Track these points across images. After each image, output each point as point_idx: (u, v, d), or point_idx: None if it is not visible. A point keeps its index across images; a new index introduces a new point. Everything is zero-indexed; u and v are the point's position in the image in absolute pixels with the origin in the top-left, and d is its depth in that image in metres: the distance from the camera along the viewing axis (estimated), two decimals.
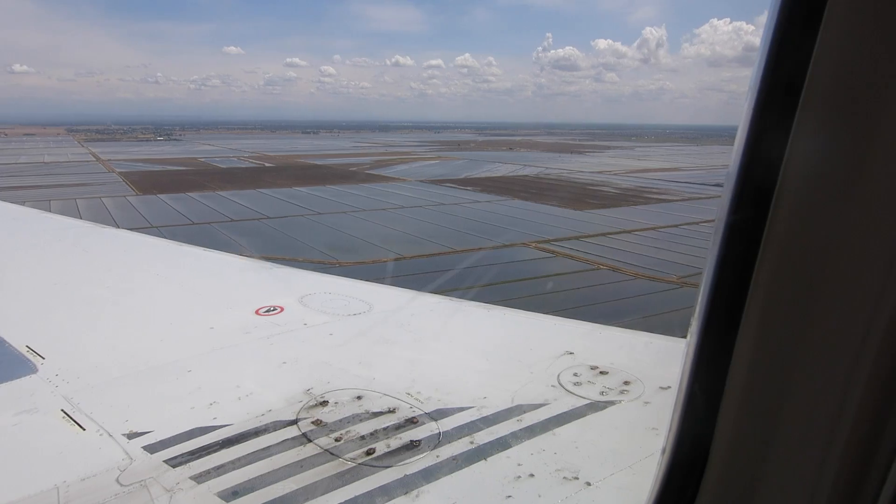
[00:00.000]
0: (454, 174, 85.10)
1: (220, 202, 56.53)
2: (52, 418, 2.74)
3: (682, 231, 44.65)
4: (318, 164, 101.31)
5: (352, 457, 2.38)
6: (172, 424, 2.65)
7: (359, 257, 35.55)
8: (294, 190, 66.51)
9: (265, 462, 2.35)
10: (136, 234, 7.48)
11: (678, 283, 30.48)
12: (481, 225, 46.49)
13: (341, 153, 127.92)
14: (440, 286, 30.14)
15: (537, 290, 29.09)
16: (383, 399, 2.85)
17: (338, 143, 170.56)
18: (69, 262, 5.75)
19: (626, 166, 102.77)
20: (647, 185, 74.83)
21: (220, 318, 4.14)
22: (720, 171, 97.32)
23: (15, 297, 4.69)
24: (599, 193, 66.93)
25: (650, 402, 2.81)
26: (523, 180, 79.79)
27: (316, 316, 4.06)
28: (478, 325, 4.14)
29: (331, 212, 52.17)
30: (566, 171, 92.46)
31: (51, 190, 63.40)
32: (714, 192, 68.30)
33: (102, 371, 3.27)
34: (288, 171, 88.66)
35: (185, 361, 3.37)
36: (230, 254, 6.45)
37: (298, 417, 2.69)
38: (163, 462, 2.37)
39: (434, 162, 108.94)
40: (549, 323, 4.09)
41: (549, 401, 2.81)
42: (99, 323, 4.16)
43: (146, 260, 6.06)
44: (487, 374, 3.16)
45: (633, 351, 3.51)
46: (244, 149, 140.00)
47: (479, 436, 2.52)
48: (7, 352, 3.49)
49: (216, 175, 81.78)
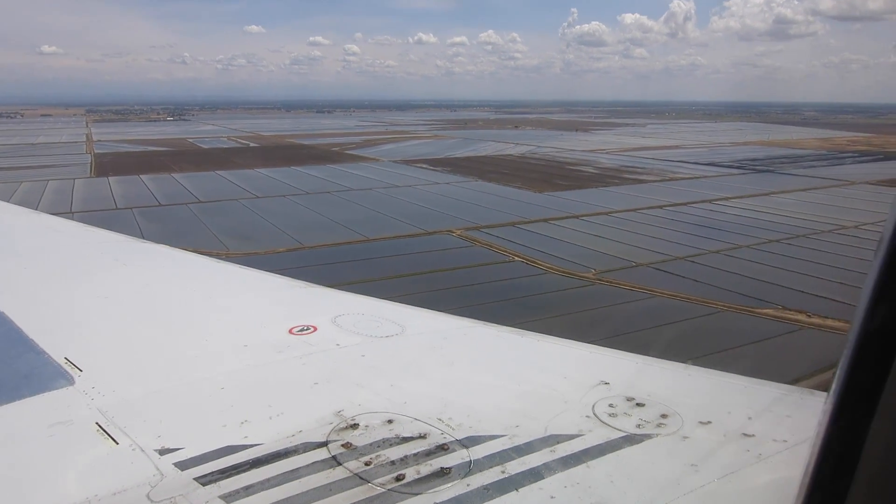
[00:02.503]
0: (436, 153, 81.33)
1: (164, 185, 54.08)
2: (86, 431, 2.76)
3: (636, 216, 40.33)
4: (303, 144, 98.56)
5: (381, 482, 2.32)
6: (204, 442, 2.62)
7: (256, 247, 32.51)
8: (255, 171, 63.75)
9: (294, 484, 2.31)
10: (175, 251, 7.48)
11: (590, 281, 26.54)
12: (420, 209, 42.88)
13: (337, 132, 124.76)
14: (323, 278, 26.72)
15: (425, 286, 25.52)
16: (414, 424, 2.76)
17: (343, 123, 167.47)
18: (109, 277, 5.76)
19: (624, 144, 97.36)
20: (632, 164, 69.85)
21: (254, 337, 4.05)
22: (722, 148, 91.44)
23: (55, 309, 4.72)
24: (575, 174, 62.44)
25: (689, 437, 2.60)
26: (505, 160, 75.54)
27: (349, 337, 3.96)
28: (511, 351, 3.99)
29: (272, 195, 49.18)
30: (556, 149, 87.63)
31: (13, 172, 62.27)
32: (700, 172, 63.27)
33: (137, 385, 3.28)
34: (266, 152, 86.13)
35: (218, 378, 3.35)
36: (267, 272, 6.31)
37: (329, 440, 2.63)
38: (193, 480, 2.35)
39: (426, 141, 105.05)
40: (585, 351, 3.87)
41: (584, 432, 2.68)
42: (135, 337, 4.14)
43: (183, 275, 6.11)
44: (520, 402, 3.00)
45: (671, 383, 3.26)
46: (243, 129, 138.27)
47: (510, 465, 2.42)
48: (46, 363, 3.52)
49: (189, 156, 79.71)
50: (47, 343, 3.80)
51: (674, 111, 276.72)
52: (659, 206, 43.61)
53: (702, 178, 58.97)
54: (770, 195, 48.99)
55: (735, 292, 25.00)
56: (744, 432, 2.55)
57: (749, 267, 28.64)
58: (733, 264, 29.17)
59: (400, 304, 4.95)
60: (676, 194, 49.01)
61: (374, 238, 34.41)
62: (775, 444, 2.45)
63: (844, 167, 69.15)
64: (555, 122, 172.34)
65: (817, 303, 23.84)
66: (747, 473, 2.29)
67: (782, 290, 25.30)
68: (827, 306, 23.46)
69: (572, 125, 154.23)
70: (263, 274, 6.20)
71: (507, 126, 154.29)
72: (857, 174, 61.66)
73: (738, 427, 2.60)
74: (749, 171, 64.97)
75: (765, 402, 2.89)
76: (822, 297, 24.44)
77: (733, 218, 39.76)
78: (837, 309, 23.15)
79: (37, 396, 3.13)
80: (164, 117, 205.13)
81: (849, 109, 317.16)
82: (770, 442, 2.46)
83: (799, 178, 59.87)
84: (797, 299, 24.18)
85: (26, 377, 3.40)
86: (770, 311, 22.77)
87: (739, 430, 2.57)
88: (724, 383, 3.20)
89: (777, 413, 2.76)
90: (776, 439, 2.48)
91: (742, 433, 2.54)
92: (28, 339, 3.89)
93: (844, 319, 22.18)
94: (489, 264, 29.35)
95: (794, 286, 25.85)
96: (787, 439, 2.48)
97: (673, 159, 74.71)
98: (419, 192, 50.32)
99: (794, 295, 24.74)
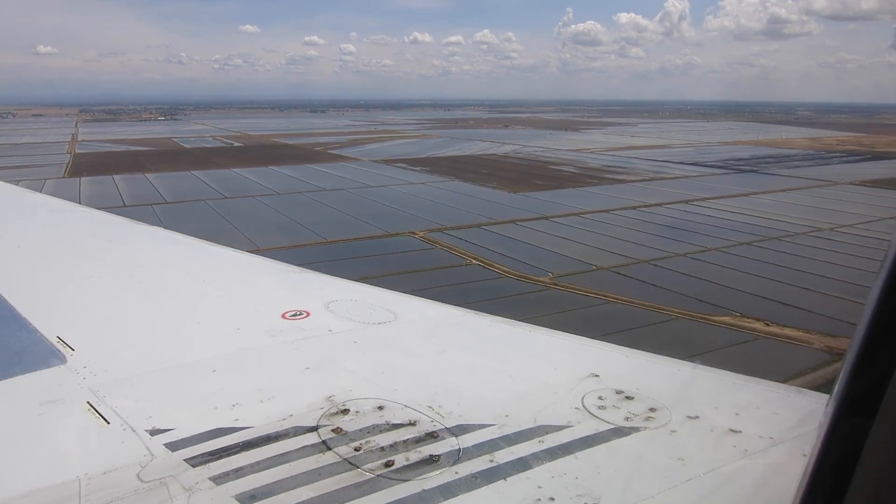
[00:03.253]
0: (418, 153, 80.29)
1: (133, 185, 53.03)
2: (77, 410, 2.75)
3: (607, 217, 39.32)
4: (288, 144, 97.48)
5: (370, 468, 2.32)
6: (194, 423, 2.61)
7: None
8: (230, 171, 62.67)
9: (284, 467, 2.31)
10: (170, 233, 7.32)
11: (545, 285, 25.52)
12: (388, 210, 41.83)
13: (326, 132, 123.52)
14: None
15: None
16: (404, 411, 2.75)
17: (334, 122, 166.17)
18: (104, 257, 5.73)
19: (611, 143, 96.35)
20: (615, 163, 68.85)
21: (247, 320, 4.06)
22: (709, 147, 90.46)
23: (49, 289, 4.70)
24: (555, 173, 61.42)
25: (677, 431, 2.62)
26: (487, 159, 74.50)
27: (341, 323, 3.95)
28: (503, 341, 3.97)
29: (240, 196, 48.12)
30: (541, 149, 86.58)
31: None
32: (683, 172, 62.29)
33: (129, 365, 3.28)
34: (248, 152, 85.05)
35: (211, 361, 3.36)
36: (262, 257, 6.26)
37: (319, 424, 2.63)
38: (183, 461, 2.34)
39: (412, 140, 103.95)
40: (575, 343, 3.86)
41: (573, 423, 2.67)
42: (129, 318, 4.13)
43: (179, 258, 5.99)
44: (510, 392, 3.02)
45: (661, 377, 3.25)
46: (232, 128, 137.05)
47: (499, 454, 2.42)
48: (39, 341, 3.51)
49: (169, 156, 78.57)
50: (40, 322, 3.79)
51: (668, 111, 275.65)
52: (632, 207, 42.59)
53: (683, 178, 57.96)
54: (749, 195, 48.00)
55: (694, 298, 23.99)
56: (731, 428, 2.54)
57: (713, 271, 27.63)
58: (697, 268, 28.16)
59: (393, 292, 4.93)
60: (653, 195, 48.00)
61: (332, 240, 33.37)
62: (761, 440, 2.44)
63: (830, 167, 68.17)
64: (546, 122, 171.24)
65: (779, 310, 22.84)
66: (733, 468, 2.28)
67: (744, 296, 24.29)
68: (789, 314, 22.47)
69: (563, 124, 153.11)
70: (258, 258, 6.21)
71: (498, 125, 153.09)
72: (842, 174, 60.68)
73: (725, 423, 2.59)
74: (732, 171, 63.98)
75: (752, 398, 2.87)
76: (785, 304, 23.46)
77: (706, 219, 38.76)
78: (800, 317, 22.16)
79: (28, 374, 3.14)
80: (155, 117, 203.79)
81: (844, 109, 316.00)
82: (756, 438, 2.45)
83: (782, 178, 58.89)
84: (759, 306, 23.17)
85: (18, 355, 3.38)
86: (727, 319, 21.76)
87: (727, 426, 2.56)
88: (713, 379, 3.19)
89: (764, 410, 2.75)
90: (762, 436, 2.47)
91: (729, 429, 2.53)
92: (21, 318, 3.88)
93: (804, 328, 21.21)
94: (444, 267, 28.32)
95: (757, 292, 24.84)
96: (774, 436, 2.46)
97: (658, 159, 73.69)
98: (391, 193, 49.26)
99: (755, 301, 23.72)
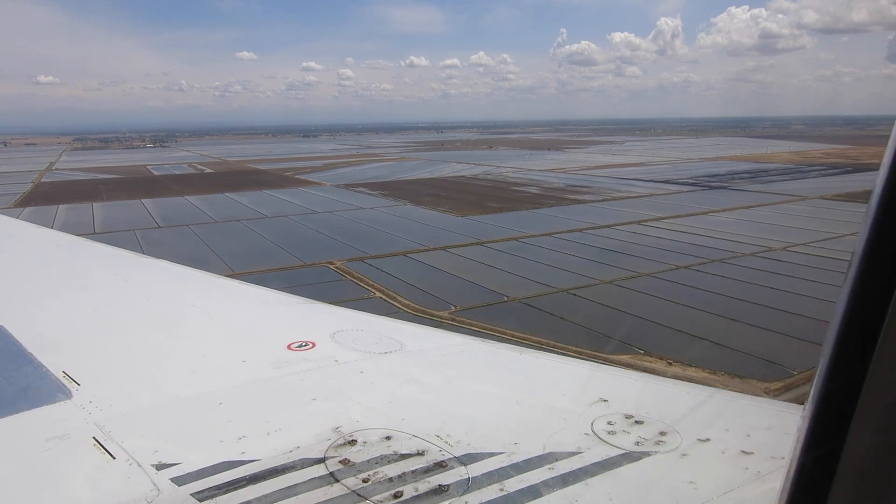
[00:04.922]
0: (386, 176, 78.59)
1: (73, 216, 51.22)
2: (83, 445, 2.74)
3: (548, 241, 36.95)
4: (259, 169, 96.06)
5: (379, 499, 2.29)
6: (201, 457, 2.59)
7: None
8: (181, 199, 60.90)
9: (292, 500, 2.28)
10: (175, 265, 7.19)
11: (442, 320, 23.12)
12: (317, 238, 39.68)
13: (305, 157, 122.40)
14: None
15: None
16: (412, 441, 2.72)
17: (320, 147, 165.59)
18: (108, 291, 5.72)
19: (589, 162, 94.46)
20: (582, 183, 66.73)
21: (252, 352, 3.98)
22: (687, 164, 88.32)
23: (55, 323, 4.65)
24: (515, 195, 59.26)
25: (688, 455, 2.59)
26: (452, 181, 72.52)
27: (347, 353, 3.90)
28: (510, 368, 3.91)
29: (176, 225, 46.12)
30: (514, 169, 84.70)
31: None
32: (649, 190, 60.05)
33: (135, 399, 3.24)
34: (212, 178, 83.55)
35: (216, 393, 3.30)
36: (265, 288, 6.11)
37: (326, 456, 2.60)
38: (190, 495, 2.31)
39: (387, 163, 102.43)
40: (583, 368, 3.90)
41: (583, 449, 2.64)
42: (134, 351, 4.09)
43: (183, 290, 6.01)
44: (519, 419, 2.96)
45: (670, 401, 3.21)
46: (213, 155, 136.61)
47: (509, 483, 2.38)
48: (44, 377, 3.50)
49: (132, 184, 76.99)
50: (46, 357, 3.78)
51: (662, 128, 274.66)
52: (579, 230, 40.25)
53: (646, 197, 55.70)
54: (709, 213, 45.65)
55: (600, 333, 21.55)
56: (742, 450, 2.51)
57: (635, 300, 25.18)
58: (619, 297, 25.71)
59: (400, 321, 4.97)
60: (607, 215, 45.70)
61: (241, 272, 31.07)
62: (774, 461, 2.42)
63: (804, 181, 65.80)
64: (533, 142, 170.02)
65: (691, 346, 20.36)
66: (746, 491, 2.26)
67: (658, 330, 21.83)
68: (700, 351, 19.98)
69: (545, 144, 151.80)
70: (262, 289, 6.16)
71: (483, 146, 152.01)
72: (814, 188, 58.28)
73: (737, 444, 2.55)
74: (702, 188, 61.70)
75: (763, 419, 2.82)
76: (700, 339, 20.98)
77: (653, 241, 36.34)
78: (711, 354, 19.68)
79: (34, 410, 3.10)
80: (144, 144, 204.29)
81: (839, 122, 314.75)
82: (769, 459, 2.43)
83: (750, 193, 56.54)
84: (669, 341, 20.70)
85: (24, 391, 3.36)
86: (625, 358, 19.25)
87: (738, 448, 2.52)
88: (723, 401, 3.14)
89: (776, 430, 2.70)
90: (774, 457, 2.45)
91: (741, 450, 2.50)
92: (26, 353, 3.88)
93: (710, 368, 18.71)
94: (343, 301, 25.90)
95: (674, 324, 22.37)
96: (786, 457, 2.27)
97: (629, 177, 71.52)
98: (333, 219, 47.13)
99: (668, 336, 21.26)
